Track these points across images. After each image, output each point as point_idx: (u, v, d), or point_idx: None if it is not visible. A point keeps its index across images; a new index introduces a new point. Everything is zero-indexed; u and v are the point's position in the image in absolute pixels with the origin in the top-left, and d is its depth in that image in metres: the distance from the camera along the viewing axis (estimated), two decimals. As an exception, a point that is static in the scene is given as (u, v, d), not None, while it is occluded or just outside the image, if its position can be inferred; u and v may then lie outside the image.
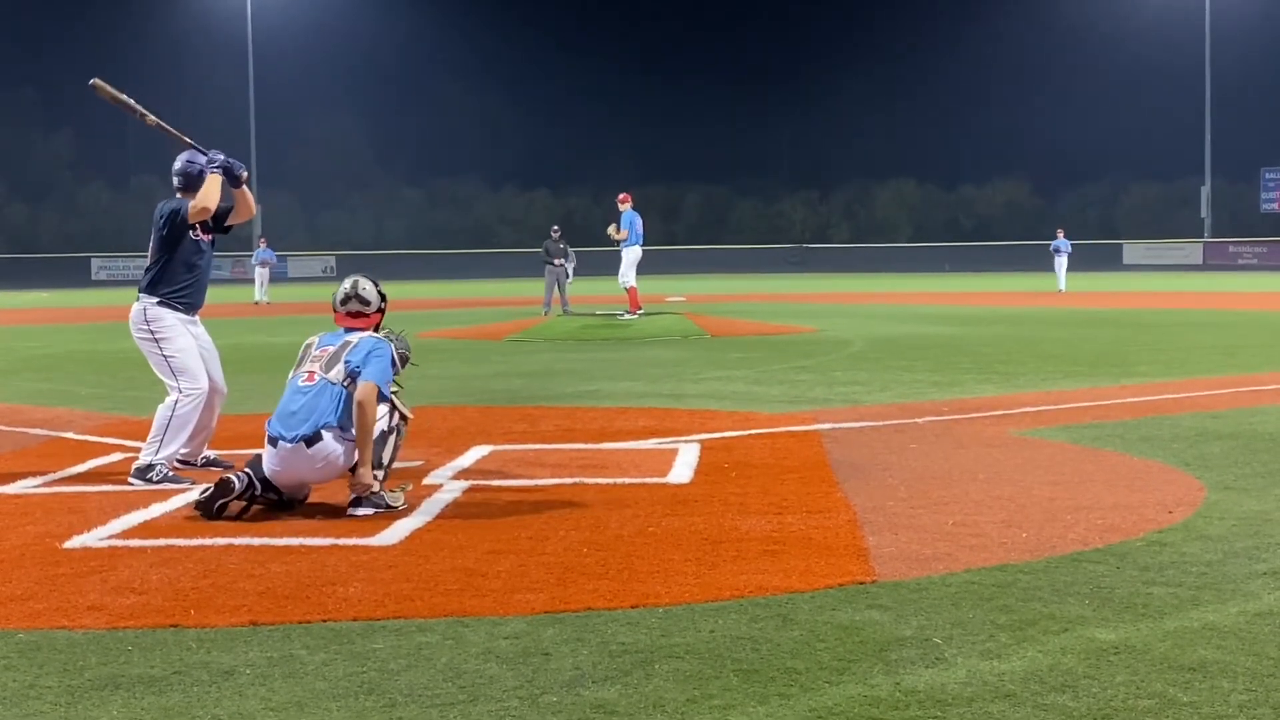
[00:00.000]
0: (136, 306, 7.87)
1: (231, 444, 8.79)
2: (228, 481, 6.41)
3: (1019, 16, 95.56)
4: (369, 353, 6.71)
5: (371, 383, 6.56)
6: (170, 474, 7.46)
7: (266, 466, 6.51)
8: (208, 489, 6.47)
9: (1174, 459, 7.79)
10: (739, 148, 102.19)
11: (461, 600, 4.83)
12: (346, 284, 7.12)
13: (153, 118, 7.89)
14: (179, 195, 7.85)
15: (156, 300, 7.83)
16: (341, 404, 6.57)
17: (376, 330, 7.08)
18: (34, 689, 3.94)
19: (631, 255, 24.03)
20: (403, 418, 6.89)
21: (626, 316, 23.51)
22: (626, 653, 4.19)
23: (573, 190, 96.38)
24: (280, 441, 6.47)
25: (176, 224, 7.71)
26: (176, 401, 7.71)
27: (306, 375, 6.70)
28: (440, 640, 4.35)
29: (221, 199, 7.73)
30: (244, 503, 6.47)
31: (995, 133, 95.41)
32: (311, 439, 6.45)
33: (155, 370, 7.94)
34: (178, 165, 7.89)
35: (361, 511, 6.41)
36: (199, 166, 7.77)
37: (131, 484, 7.33)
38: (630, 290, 24.04)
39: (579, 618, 4.59)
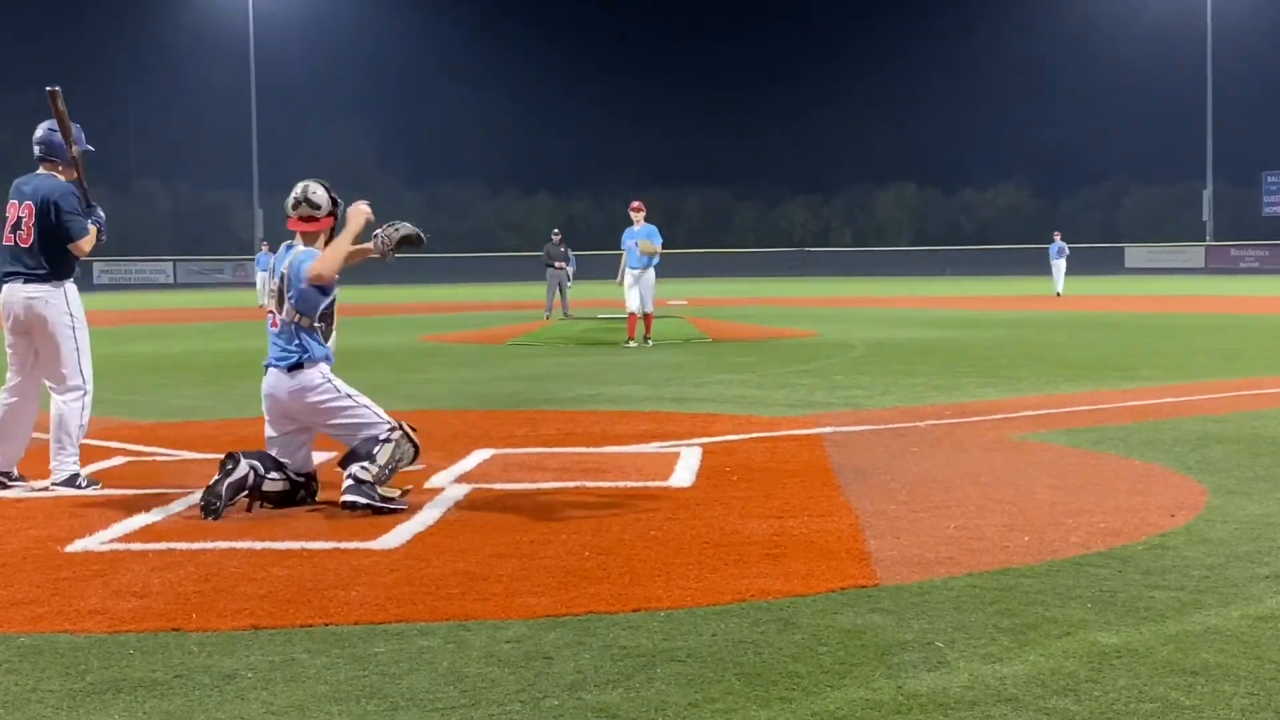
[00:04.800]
0: (53, 290, 7.40)
1: (236, 446, 8.79)
2: (234, 457, 6.62)
3: (1020, 20, 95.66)
4: (298, 266, 6.82)
5: (309, 265, 6.73)
6: (88, 475, 7.47)
7: (265, 392, 6.84)
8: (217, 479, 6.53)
9: (1176, 463, 7.78)
10: (740, 152, 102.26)
11: (463, 604, 4.82)
12: (297, 189, 7.03)
13: (79, 150, 7.56)
14: (42, 165, 7.53)
15: (71, 281, 7.52)
16: (301, 339, 6.80)
17: (332, 234, 7.03)
18: (35, 693, 3.94)
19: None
20: (408, 439, 6.81)
21: (648, 343, 18.99)
22: (628, 656, 4.19)
23: (573, 194, 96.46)
24: (271, 367, 6.84)
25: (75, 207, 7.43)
26: (84, 406, 7.48)
27: (271, 320, 6.91)
28: (442, 644, 4.34)
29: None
30: (248, 497, 6.58)
31: (996, 136, 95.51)
32: (293, 366, 6.77)
33: (63, 364, 7.44)
34: (40, 134, 7.55)
35: (353, 498, 6.44)
36: (60, 145, 7.49)
37: (58, 492, 7.25)
38: (648, 317, 19.37)
39: (581, 621, 4.59)
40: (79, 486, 7.31)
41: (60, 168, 7.56)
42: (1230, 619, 4.54)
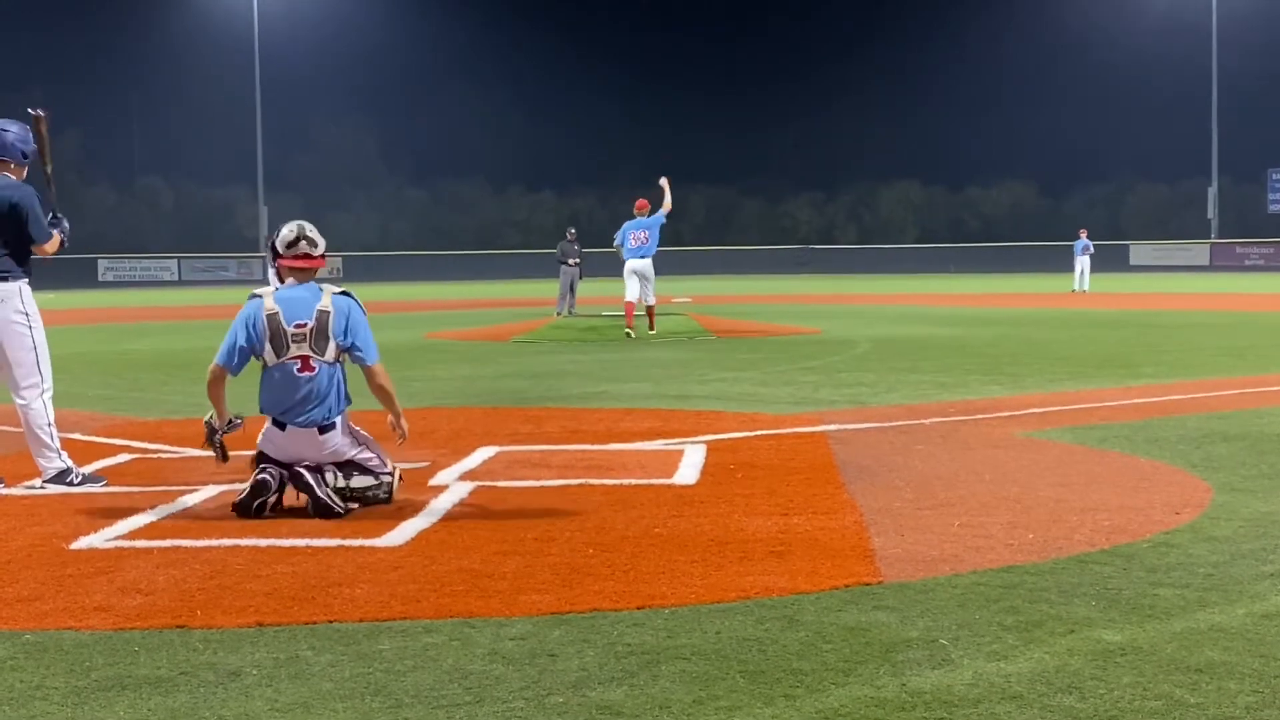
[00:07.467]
0: (7, 289, 7.31)
1: (241, 443, 8.79)
2: (264, 481, 6.45)
3: (1025, 18, 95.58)
4: (355, 324, 6.67)
5: (381, 364, 6.75)
6: (88, 473, 7.44)
7: (268, 445, 6.58)
8: (244, 490, 6.50)
9: (1181, 460, 7.78)
10: (745, 149, 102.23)
11: (467, 601, 4.83)
12: (292, 227, 6.79)
13: (51, 169, 7.54)
14: (9, 170, 7.36)
15: (26, 281, 7.41)
16: (342, 388, 6.68)
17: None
18: (40, 690, 3.94)
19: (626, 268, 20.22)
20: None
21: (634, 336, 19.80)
22: (633, 654, 4.19)
23: (578, 192, 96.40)
24: (290, 426, 6.54)
25: (37, 212, 7.35)
26: (45, 404, 7.35)
27: (300, 364, 6.57)
28: (446, 641, 4.35)
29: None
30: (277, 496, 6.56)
31: (1001, 134, 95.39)
32: (325, 427, 6.56)
33: (20, 365, 7.32)
34: (16, 134, 7.36)
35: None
36: (9, 144, 7.33)
37: (52, 489, 7.24)
38: (650, 309, 20.25)
39: (585, 619, 4.59)
40: (71, 483, 7.29)
41: (11, 166, 7.41)
42: (1235, 617, 4.53)
